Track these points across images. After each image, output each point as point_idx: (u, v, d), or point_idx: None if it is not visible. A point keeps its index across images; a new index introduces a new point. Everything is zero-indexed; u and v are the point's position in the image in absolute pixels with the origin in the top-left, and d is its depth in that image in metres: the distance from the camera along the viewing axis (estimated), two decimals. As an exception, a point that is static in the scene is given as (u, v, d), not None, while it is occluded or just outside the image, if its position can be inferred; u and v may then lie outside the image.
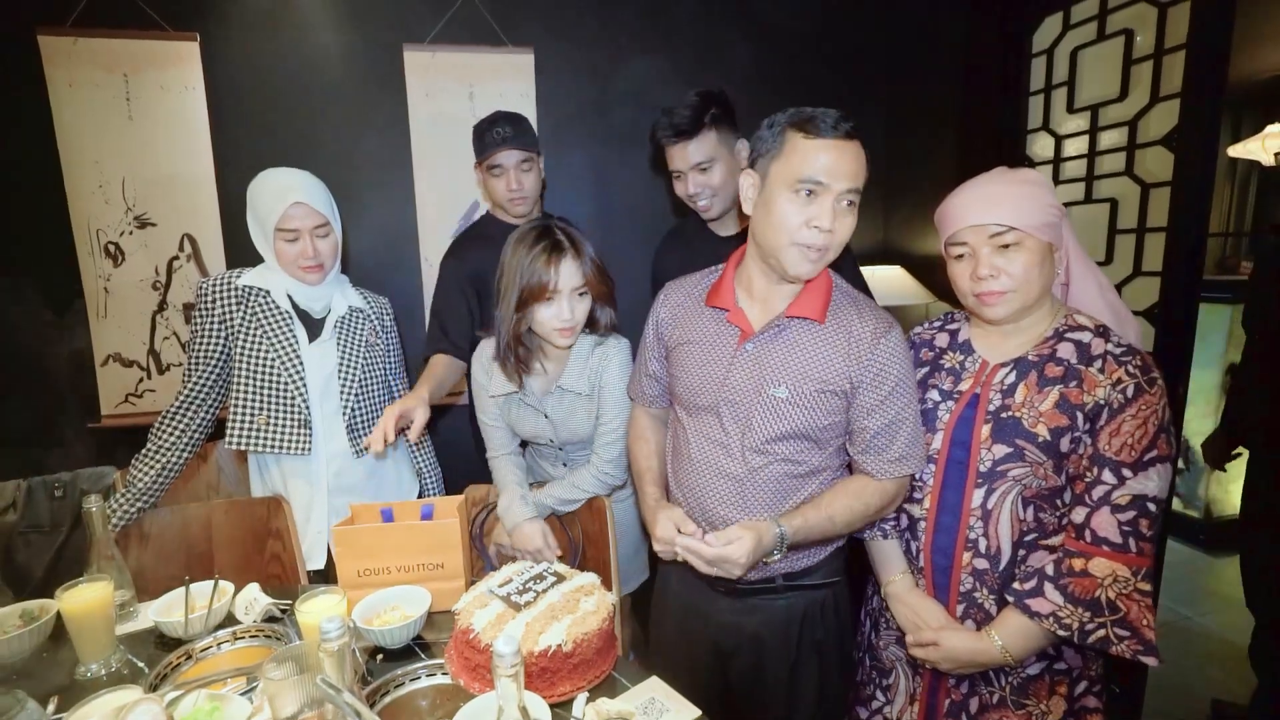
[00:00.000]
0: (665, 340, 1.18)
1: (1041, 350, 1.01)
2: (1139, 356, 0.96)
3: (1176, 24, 1.66)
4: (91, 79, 2.01)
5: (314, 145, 2.19)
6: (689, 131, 1.44)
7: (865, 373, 1.00)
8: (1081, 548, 0.94)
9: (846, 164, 0.94)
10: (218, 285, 1.39)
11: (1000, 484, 1.00)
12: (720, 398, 1.05)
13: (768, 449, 1.03)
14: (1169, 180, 1.70)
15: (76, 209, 2.05)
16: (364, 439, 1.43)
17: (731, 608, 1.12)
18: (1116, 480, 0.93)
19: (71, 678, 0.98)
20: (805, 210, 0.95)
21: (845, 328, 1.02)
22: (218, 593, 1.11)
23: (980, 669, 1.01)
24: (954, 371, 1.09)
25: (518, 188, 1.64)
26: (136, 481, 1.34)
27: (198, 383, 1.38)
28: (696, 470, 1.09)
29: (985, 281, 0.99)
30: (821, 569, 1.11)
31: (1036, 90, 2.09)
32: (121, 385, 2.15)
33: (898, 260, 2.62)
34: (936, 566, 1.07)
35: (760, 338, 1.04)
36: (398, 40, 2.18)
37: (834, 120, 0.94)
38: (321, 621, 0.69)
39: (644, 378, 1.25)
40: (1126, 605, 0.91)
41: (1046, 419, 0.97)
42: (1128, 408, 0.93)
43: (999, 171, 1.04)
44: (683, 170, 1.49)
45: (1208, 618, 2.47)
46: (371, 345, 1.49)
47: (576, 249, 1.25)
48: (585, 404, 1.37)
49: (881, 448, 1.02)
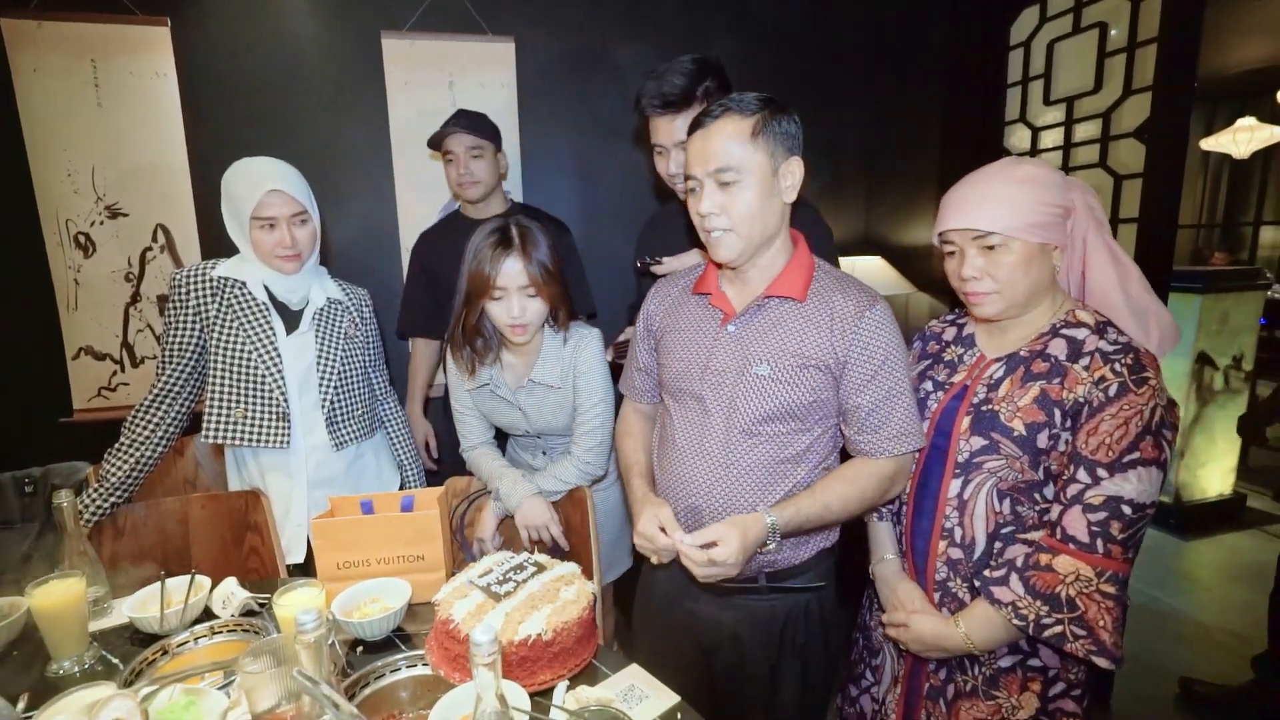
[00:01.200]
0: (655, 331, 1.19)
1: (1034, 346, 1.01)
2: (1132, 355, 0.93)
3: (1149, 18, 1.68)
4: (58, 65, 1.95)
5: (291, 134, 2.15)
6: (678, 103, 1.30)
7: (852, 348, 1.00)
8: (1051, 544, 0.95)
9: (701, 150, 1.00)
10: (192, 277, 1.36)
11: (976, 475, 1.00)
12: (704, 380, 1.06)
13: (754, 430, 1.02)
14: (1141, 172, 1.73)
15: (44, 198, 2.00)
16: (346, 433, 1.43)
17: (713, 604, 1.11)
18: (1090, 479, 0.92)
19: (43, 675, 0.97)
20: (695, 204, 1.02)
21: (828, 304, 1.02)
22: (194, 587, 1.10)
23: (946, 654, 1.02)
24: (951, 364, 1.10)
25: (466, 172, 1.76)
26: (109, 476, 1.32)
27: (172, 376, 1.35)
28: (680, 456, 1.09)
29: (969, 282, 1.00)
30: (807, 571, 1.10)
31: (1015, 82, 2.12)
32: (94, 379, 2.11)
33: (879, 251, 2.64)
34: (916, 550, 1.09)
35: (741, 318, 1.05)
36: (376, 27, 2.15)
37: (697, 116, 1.02)
38: (297, 614, 0.69)
39: (634, 372, 1.25)
40: (1085, 604, 0.91)
41: (1024, 414, 0.97)
42: (1108, 406, 0.92)
43: (1001, 165, 1.01)
44: (666, 146, 1.36)
45: (1177, 599, 2.54)
46: (350, 337, 1.48)
47: (524, 249, 1.26)
48: (558, 397, 1.38)
49: (877, 425, 1.02)
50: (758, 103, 0.98)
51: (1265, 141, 4.63)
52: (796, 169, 1.01)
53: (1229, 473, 3.14)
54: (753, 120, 0.97)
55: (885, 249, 2.64)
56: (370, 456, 1.53)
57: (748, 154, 0.97)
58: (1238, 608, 2.45)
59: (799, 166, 1.01)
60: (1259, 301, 3.13)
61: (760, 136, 0.97)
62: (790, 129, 1.00)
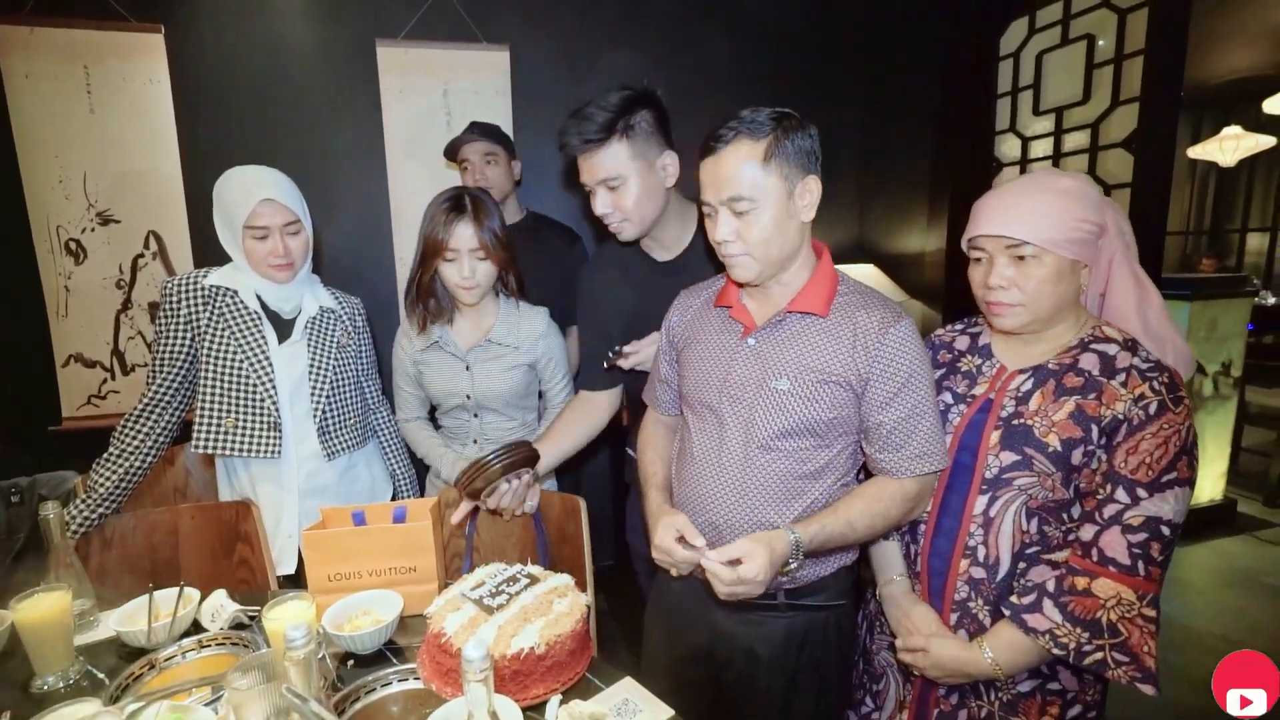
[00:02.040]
0: (676, 343, 1.18)
1: (1063, 359, 0.98)
2: (1167, 374, 0.92)
3: (1135, 29, 1.70)
4: (50, 70, 1.95)
5: (284, 142, 2.15)
6: (595, 140, 1.18)
7: (875, 365, 0.97)
8: (1087, 566, 0.91)
9: (713, 177, 0.98)
10: (183, 285, 1.35)
11: (1005, 492, 0.97)
12: (723, 393, 1.04)
13: (772, 445, 1.00)
14: (1130, 182, 1.75)
15: (35, 205, 1.99)
16: (338, 443, 1.43)
17: (729, 619, 1.08)
18: (1130, 500, 0.89)
19: (27, 691, 0.95)
20: (714, 230, 1.01)
21: (850, 320, 0.99)
22: (183, 600, 1.08)
23: (968, 680, 0.98)
24: (969, 375, 1.06)
25: (481, 178, 1.85)
26: (98, 487, 1.30)
27: (163, 385, 1.34)
28: (698, 470, 1.06)
29: (995, 291, 0.97)
30: (827, 589, 1.07)
31: (1005, 93, 2.14)
32: (84, 387, 2.09)
33: (872, 259, 2.65)
34: (933, 570, 1.04)
35: (762, 332, 1.03)
36: (370, 35, 2.15)
37: (714, 136, 0.98)
38: (286, 629, 0.68)
39: (657, 383, 1.24)
40: (1128, 630, 0.88)
41: (1059, 429, 0.93)
42: (1149, 425, 0.89)
43: (1041, 176, 0.99)
44: (590, 185, 1.24)
45: (1168, 604, 2.55)
46: (343, 346, 1.47)
47: (476, 215, 1.36)
48: (512, 358, 1.47)
49: (900, 443, 0.98)
50: (770, 122, 0.95)
51: (1251, 149, 4.69)
52: (814, 187, 0.99)
53: (1219, 478, 3.16)
54: (765, 144, 0.94)
55: (878, 257, 2.65)
56: (363, 466, 1.52)
57: (760, 179, 0.95)
58: (1229, 612, 2.46)
59: (816, 185, 0.99)
60: (1247, 308, 3.16)
61: (773, 160, 0.95)
62: (805, 144, 0.97)
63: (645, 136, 1.20)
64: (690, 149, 1.09)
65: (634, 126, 1.19)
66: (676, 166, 1.25)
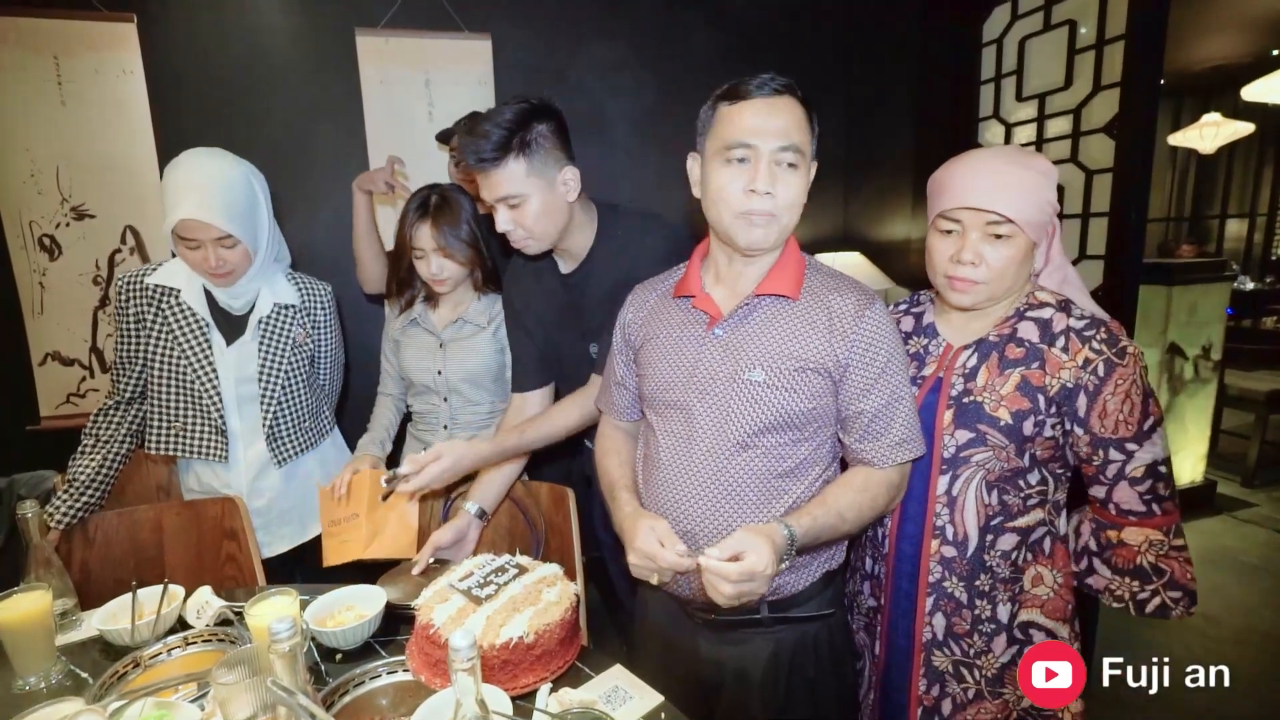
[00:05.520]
0: (633, 342, 1.09)
1: (1002, 330, 0.99)
2: (1103, 328, 0.94)
3: (1116, 15, 1.71)
4: (18, 61, 1.90)
5: (262, 132, 2.11)
6: (489, 159, 1.12)
7: (853, 350, 0.92)
8: (1111, 519, 0.97)
9: (774, 121, 0.89)
10: (129, 284, 1.32)
11: (964, 470, 0.98)
12: (690, 389, 0.96)
13: (750, 443, 0.93)
14: (1111, 167, 1.76)
15: (6, 199, 1.94)
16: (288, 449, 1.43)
17: (710, 640, 1.01)
18: (1124, 456, 0.93)
19: (8, 692, 0.94)
20: (740, 177, 0.91)
21: (824, 303, 0.94)
22: (167, 597, 1.07)
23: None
24: (918, 356, 1.06)
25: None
26: (78, 476, 1.28)
27: (127, 384, 1.33)
28: (665, 476, 0.98)
29: (964, 267, 0.96)
30: (813, 599, 0.99)
31: (988, 79, 2.14)
32: (61, 385, 2.05)
33: (857, 246, 2.66)
34: (903, 555, 1.04)
35: (729, 320, 0.96)
36: (349, 24, 2.11)
37: (759, 81, 0.91)
38: (270, 623, 0.68)
39: (612, 386, 1.14)
40: (1169, 566, 0.94)
41: (1008, 402, 0.95)
42: (1105, 386, 0.92)
43: (1013, 152, 0.98)
44: (489, 201, 1.19)
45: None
46: (299, 345, 1.41)
47: (439, 218, 1.41)
48: (483, 337, 1.50)
49: (880, 432, 0.94)
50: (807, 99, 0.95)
51: (1230, 137, 4.74)
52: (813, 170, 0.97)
53: (1199, 460, 3.22)
54: (808, 113, 0.94)
55: (863, 244, 2.66)
56: (315, 464, 1.50)
57: (806, 142, 0.93)
58: (1208, 589, 2.49)
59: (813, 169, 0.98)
60: (1226, 292, 3.21)
61: (811, 131, 0.94)
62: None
63: (544, 152, 1.14)
64: (681, 139, 1.06)
65: (530, 143, 1.12)
66: (578, 181, 1.20)
